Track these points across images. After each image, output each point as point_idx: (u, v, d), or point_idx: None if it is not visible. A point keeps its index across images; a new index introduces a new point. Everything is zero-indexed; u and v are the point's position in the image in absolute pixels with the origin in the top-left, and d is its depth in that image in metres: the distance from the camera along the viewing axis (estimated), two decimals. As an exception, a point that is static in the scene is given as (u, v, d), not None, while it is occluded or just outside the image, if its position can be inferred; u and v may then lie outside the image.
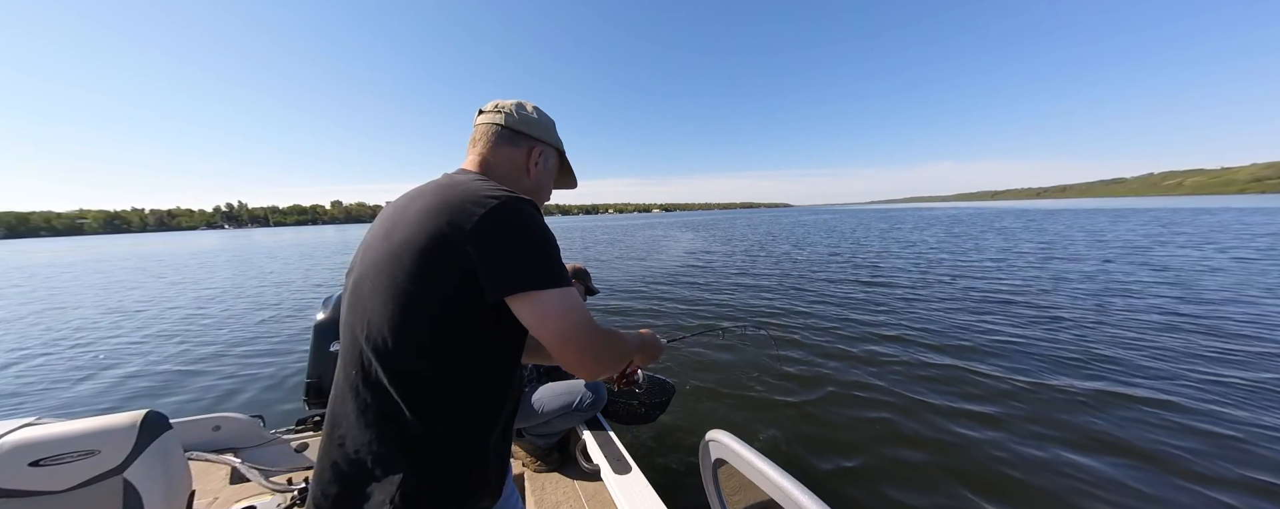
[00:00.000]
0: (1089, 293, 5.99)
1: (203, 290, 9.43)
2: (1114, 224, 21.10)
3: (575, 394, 1.63)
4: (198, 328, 5.87)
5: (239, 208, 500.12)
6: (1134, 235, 14.30)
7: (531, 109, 0.84)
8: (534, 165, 0.83)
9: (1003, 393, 3.03)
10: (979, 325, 4.61)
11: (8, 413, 3.19)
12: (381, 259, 0.65)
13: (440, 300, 0.62)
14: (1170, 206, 54.09)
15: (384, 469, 0.63)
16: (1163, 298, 5.56)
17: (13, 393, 3.75)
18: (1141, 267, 8.01)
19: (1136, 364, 3.43)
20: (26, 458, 0.91)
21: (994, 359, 3.64)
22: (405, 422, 0.63)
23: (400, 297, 0.62)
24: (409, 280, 0.62)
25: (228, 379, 3.86)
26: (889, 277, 7.83)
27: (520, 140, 0.81)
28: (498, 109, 0.82)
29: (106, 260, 21.07)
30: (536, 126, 0.83)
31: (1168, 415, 2.66)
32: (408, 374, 0.63)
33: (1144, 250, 10.30)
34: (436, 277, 0.62)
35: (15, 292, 10.37)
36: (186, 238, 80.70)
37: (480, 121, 0.82)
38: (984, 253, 10.75)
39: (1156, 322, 4.53)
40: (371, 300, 0.65)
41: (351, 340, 0.67)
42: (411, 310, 0.62)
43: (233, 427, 1.66)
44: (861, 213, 70.16)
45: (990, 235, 16.20)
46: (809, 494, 0.68)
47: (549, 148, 0.86)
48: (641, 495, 1.25)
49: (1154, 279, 6.80)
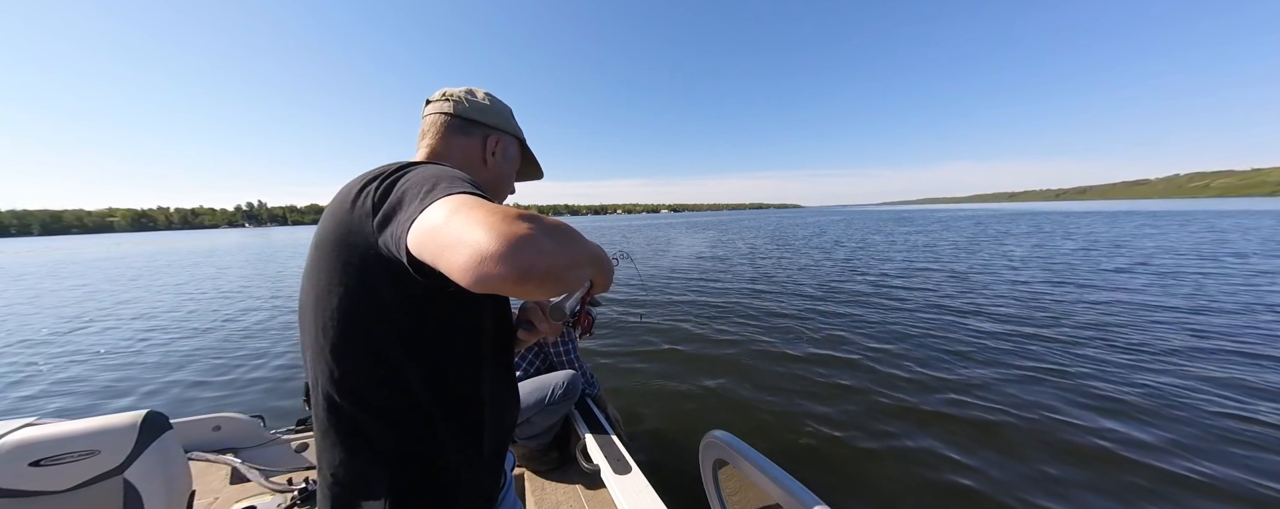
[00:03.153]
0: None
1: (221, 287, 9.70)
2: (1184, 226, 19.43)
3: (546, 387, 1.61)
4: (197, 328, 5.94)
5: (259, 207, 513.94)
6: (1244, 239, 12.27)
7: (483, 96, 0.78)
8: (491, 155, 0.77)
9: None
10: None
11: (8, 413, 3.26)
12: (312, 266, 0.60)
13: (365, 294, 0.56)
14: (1213, 210, 49.66)
15: (366, 486, 0.60)
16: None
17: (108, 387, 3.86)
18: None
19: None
20: (27, 458, 0.92)
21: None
22: (374, 431, 0.60)
23: (328, 300, 0.57)
24: (332, 281, 0.57)
25: (228, 379, 3.89)
26: (913, 276, 7.67)
27: (474, 129, 0.75)
28: (446, 97, 0.76)
29: (131, 257, 21.83)
30: (490, 113, 0.77)
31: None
32: (360, 384, 0.59)
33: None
34: (354, 269, 0.55)
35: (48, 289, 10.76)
36: (210, 235, 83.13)
37: (428, 112, 0.76)
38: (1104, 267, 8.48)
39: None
40: (309, 313, 0.60)
41: (309, 360, 0.63)
42: (344, 312, 0.57)
43: (233, 427, 1.67)
44: (903, 214, 66.54)
45: (1073, 239, 13.92)
46: (810, 495, 0.68)
47: (507, 136, 0.79)
48: (641, 495, 1.24)
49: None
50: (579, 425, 1.67)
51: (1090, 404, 2.84)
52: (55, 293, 9.82)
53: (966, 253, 11.26)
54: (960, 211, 76.84)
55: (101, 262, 19.46)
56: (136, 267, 16.01)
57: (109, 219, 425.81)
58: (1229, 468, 2.17)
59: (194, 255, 21.90)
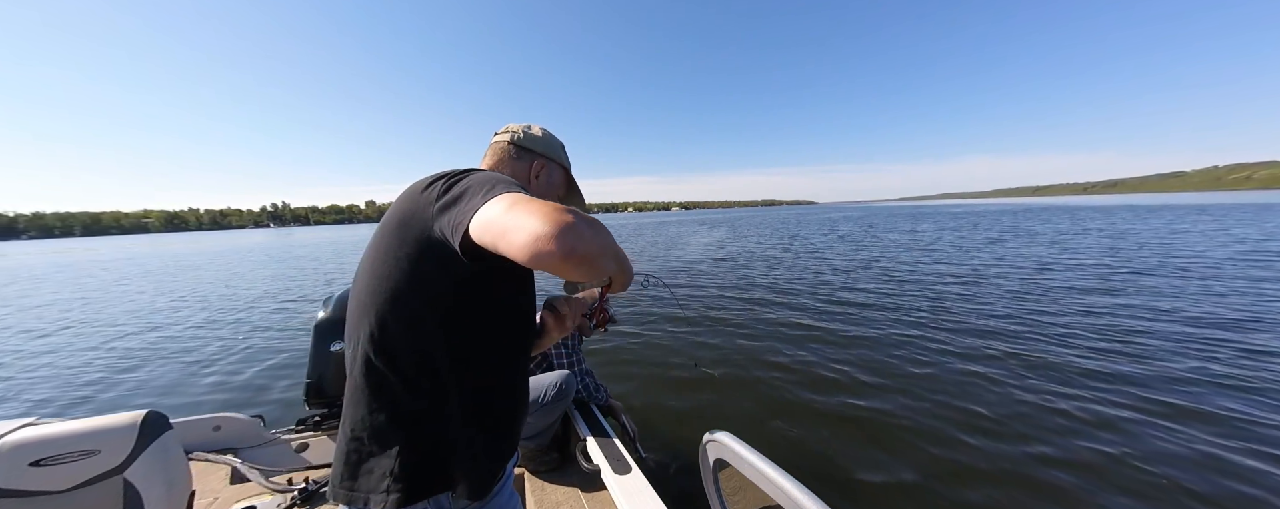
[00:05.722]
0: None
1: (241, 288, 10.03)
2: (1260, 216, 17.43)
3: (541, 387, 1.62)
4: (200, 327, 6.01)
5: (283, 207, 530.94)
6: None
7: (538, 130, 0.93)
8: (536, 177, 0.91)
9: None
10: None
11: (9, 412, 3.33)
12: (373, 242, 0.71)
13: (411, 268, 0.65)
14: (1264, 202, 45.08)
15: (381, 444, 0.67)
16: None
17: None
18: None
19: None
20: (27, 458, 0.93)
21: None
22: (396, 393, 0.67)
23: (382, 269, 0.67)
24: (388, 254, 0.67)
25: (228, 378, 3.91)
26: (925, 276, 7.45)
27: (526, 155, 0.90)
28: (508, 130, 0.92)
29: (164, 256, 22.78)
30: (542, 144, 0.92)
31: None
32: (394, 347, 0.67)
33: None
34: (409, 245, 0.65)
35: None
36: (237, 235, 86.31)
37: (494, 140, 0.92)
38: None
39: None
40: (363, 279, 0.70)
41: (351, 325, 0.72)
42: (393, 281, 0.66)
43: (233, 427, 1.69)
44: (921, 210, 63.60)
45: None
46: (810, 495, 0.68)
47: (553, 164, 0.94)
48: (641, 496, 1.23)
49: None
50: (579, 425, 1.67)
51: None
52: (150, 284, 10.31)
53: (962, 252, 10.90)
54: (979, 206, 74.41)
55: (189, 254, 20.07)
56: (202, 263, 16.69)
57: (144, 220, 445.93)
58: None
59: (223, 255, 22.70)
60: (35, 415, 1.07)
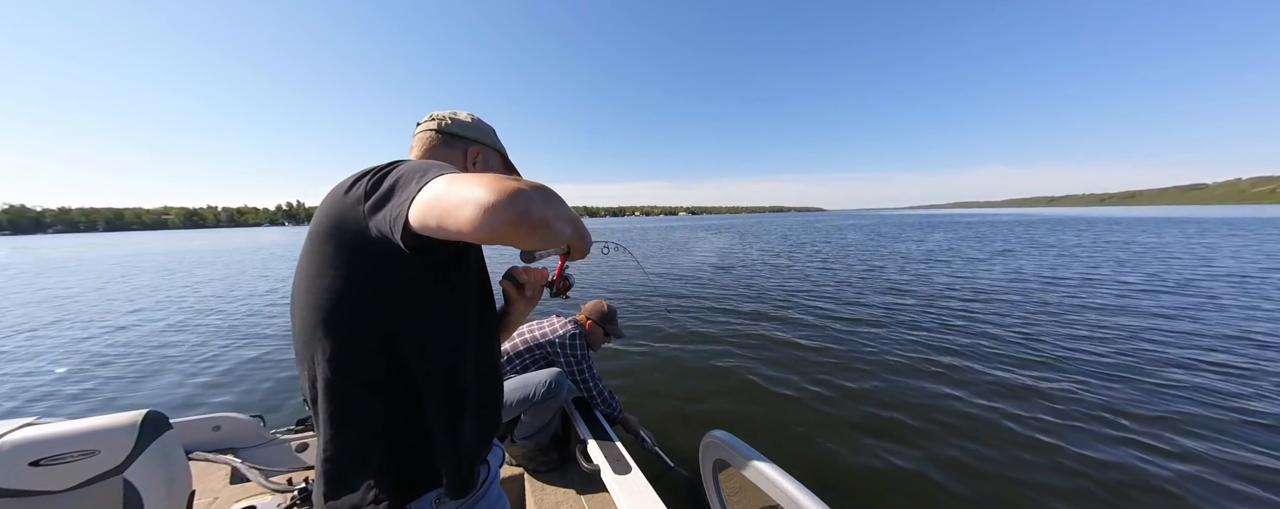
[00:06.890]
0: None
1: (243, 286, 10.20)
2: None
3: (531, 385, 1.59)
4: (200, 327, 5.98)
5: (297, 206, 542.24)
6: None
7: (466, 116, 0.86)
8: (472, 164, 0.84)
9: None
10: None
11: (9, 412, 3.30)
12: (305, 255, 0.65)
13: (352, 275, 0.61)
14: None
15: (360, 460, 0.64)
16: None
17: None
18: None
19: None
20: (26, 458, 0.93)
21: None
22: (366, 405, 0.64)
23: (321, 283, 0.62)
24: (325, 265, 0.62)
25: (229, 378, 3.90)
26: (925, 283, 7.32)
27: (457, 142, 0.83)
28: (432, 118, 0.84)
29: (176, 254, 23.32)
30: (472, 129, 0.85)
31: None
32: (354, 361, 0.63)
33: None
34: (346, 253, 0.61)
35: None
36: (254, 233, 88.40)
37: (418, 131, 0.84)
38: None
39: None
40: (302, 296, 0.65)
41: (301, 345, 0.67)
42: (336, 293, 0.62)
43: (233, 427, 1.69)
44: (931, 219, 61.46)
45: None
46: (810, 495, 0.68)
47: (489, 149, 0.87)
48: (641, 495, 1.22)
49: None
50: (579, 425, 1.66)
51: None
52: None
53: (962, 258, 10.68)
54: (992, 216, 73.26)
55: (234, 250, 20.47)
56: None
57: (164, 217, 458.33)
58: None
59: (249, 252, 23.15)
60: (35, 415, 1.07)
